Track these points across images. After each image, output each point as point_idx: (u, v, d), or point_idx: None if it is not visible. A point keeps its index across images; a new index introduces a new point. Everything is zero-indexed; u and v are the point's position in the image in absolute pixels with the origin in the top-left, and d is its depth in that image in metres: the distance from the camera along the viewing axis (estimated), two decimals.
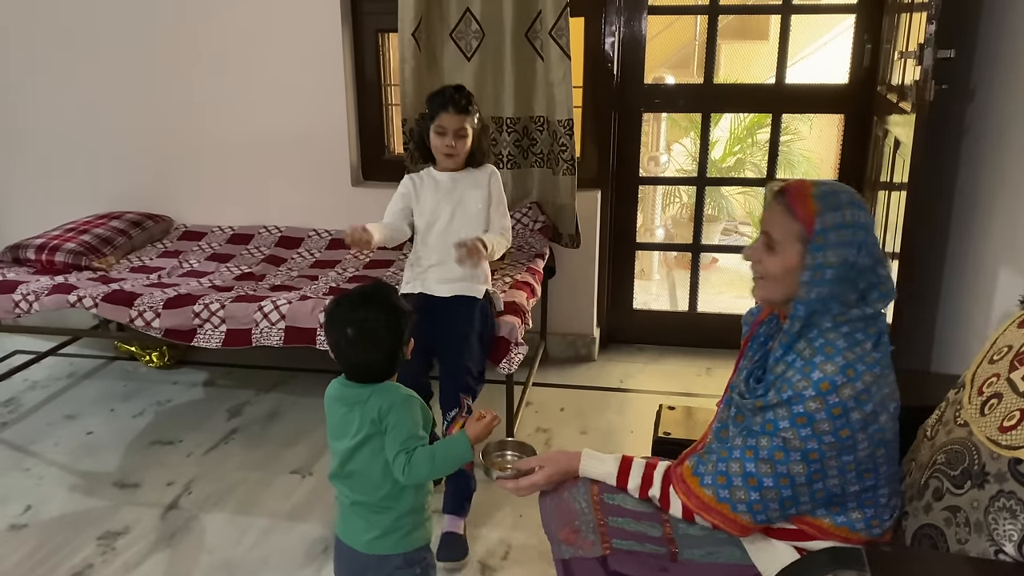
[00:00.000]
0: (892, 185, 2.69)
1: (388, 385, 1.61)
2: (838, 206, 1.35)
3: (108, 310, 2.80)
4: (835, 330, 1.35)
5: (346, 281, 3.13)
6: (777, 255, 1.39)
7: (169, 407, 3.22)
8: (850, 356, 1.32)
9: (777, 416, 1.35)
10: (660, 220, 5.27)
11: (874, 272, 1.37)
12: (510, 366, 2.61)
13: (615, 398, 3.32)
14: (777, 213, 1.40)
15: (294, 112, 3.54)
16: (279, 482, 2.69)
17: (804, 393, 1.31)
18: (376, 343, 1.57)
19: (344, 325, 1.57)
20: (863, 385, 1.30)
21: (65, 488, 2.66)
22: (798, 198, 1.37)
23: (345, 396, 1.61)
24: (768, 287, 1.43)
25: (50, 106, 3.70)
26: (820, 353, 1.33)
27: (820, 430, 1.31)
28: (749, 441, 1.39)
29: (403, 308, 1.62)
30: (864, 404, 1.31)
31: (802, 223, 1.35)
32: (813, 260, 1.34)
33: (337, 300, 1.62)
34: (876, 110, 3.19)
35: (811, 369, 1.32)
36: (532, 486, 1.61)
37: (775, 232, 1.39)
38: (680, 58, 5.71)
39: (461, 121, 2.55)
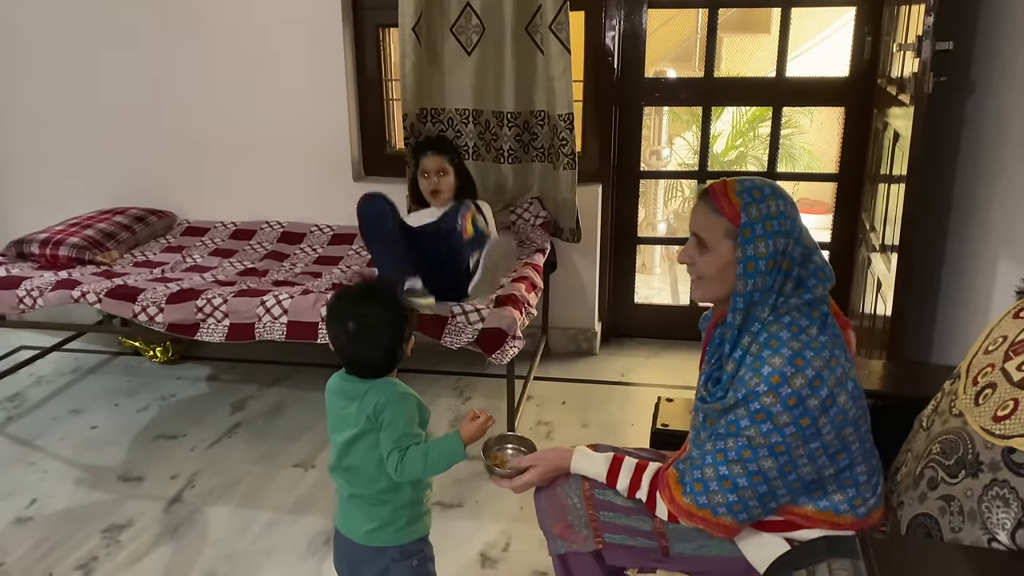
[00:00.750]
0: (892, 177, 2.70)
1: (386, 381, 1.62)
2: (761, 198, 1.38)
3: (112, 305, 2.81)
4: (777, 321, 1.37)
5: (349, 278, 3.14)
6: (709, 254, 1.41)
7: (173, 402, 3.25)
8: (796, 345, 1.34)
9: (737, 416, 1.37)
10: (662, 214, 5.28)
11: (809, 259, 1.41)
12: (503, 358, 2.62)
13: (616, 392, 3.33)
14: (703, 213, 1.43)
15: (295, 108, 3.55)
16: (282, 476, 2.71)
17: (757, 390, 1.34)
18: (376, 339, 1.58)
19: (345, 320, 1.58)
20: (814, 371, 1.33)
21: (70, 482, 2.68)
22: (721, 196, 1.40)
23: (344, 390, 1.62)
24: (706, 286, 1.45)
25: (53, 102, 3.72)
26: (766, 347, 1.36)
27: (780, 423, 1.33)
28: (718, 444, 1.41)
29: (405, 305, 1.63)
30: (818, 390, 1.33)
31: (728, 219, 1.38)
32: (744, 253, 1.37)
33: (339, 295, 1.63)
34: (876, 103, 3.20)
35: (760, 364, 1.35)
36: (525, 484, 1.64)
37: (703, 232, 1.42)
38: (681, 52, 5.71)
39: (440, 161, 2.87)
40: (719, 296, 1.45)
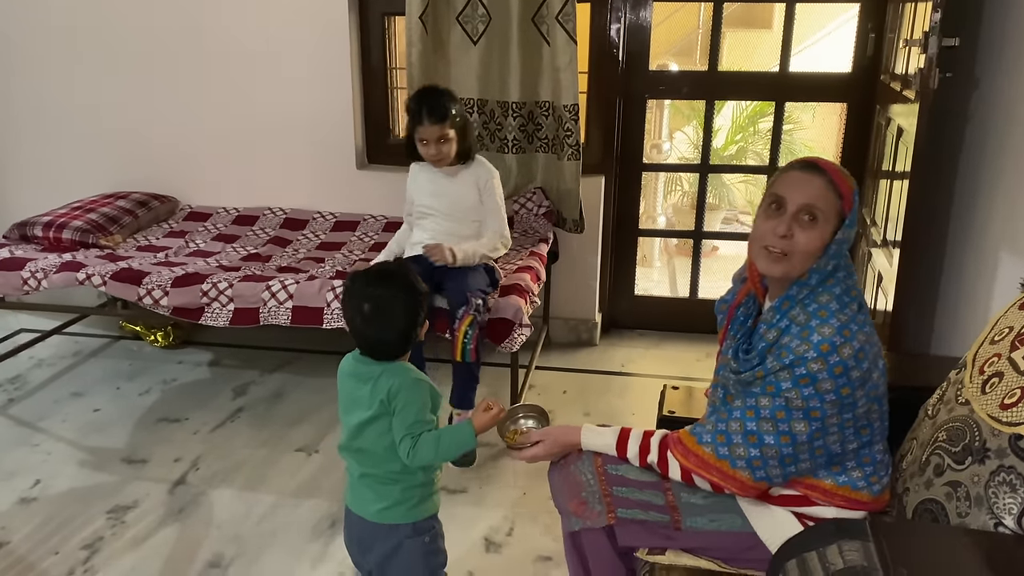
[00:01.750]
0: (895, 173, 2.72)
1: (400, 366, 1.63)
2: (857, 188, 1.45)
3: (117, 288, 2.82)
4: (827, 292, 1.42)
5: (352, 264, 3.15)
6: (816, 229, 1.41)
7: (175, 386, 3.25)
8: (843, 318, 1.39)
9: (779, 379, 1.40)
10: (661, 208, 5.30)
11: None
12: (512, 346, 2.64)
13: (617, 381, 3.35)
14: (822, 187, 1.42)
15: (299, 95, 3.55)
16: (285, 460, 2.72)
17: (806, 355, 1.37)
18: (391, 321, 1.59)
19: (361, 300, 1.59)
20: (859, 344, 1.37)
21: (74, 463, 2.69)
22: (839, 176, 1.43)
23: (357, 372, 1.63)
24: (794, 262, 1.42)
25: (57, 86, 3.71)
26: (815, 317, 1.40)
27: (823, 389, 1.37)
28: (749, 401, 1.44)
29: (420, 288, 1.63)
30: (861, 362, 1.38)
31: (844, 200, 1.42)
32: (844, 235, 1.42)
33: (355, 275, 1.64)
34: (879, 99, 3.22)
35: (809, 333, 1.38)
36: (532, 457, 1.68)
37: (821, 205, 1.41)
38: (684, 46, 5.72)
39: (440, 130, 2.61)
40: (801, 272, 1.44)
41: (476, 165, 2.76)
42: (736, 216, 5.98)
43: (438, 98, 2.64)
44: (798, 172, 1.46)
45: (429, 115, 2.59)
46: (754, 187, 5.30)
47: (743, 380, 1.47)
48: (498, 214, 2.78)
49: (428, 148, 2.64)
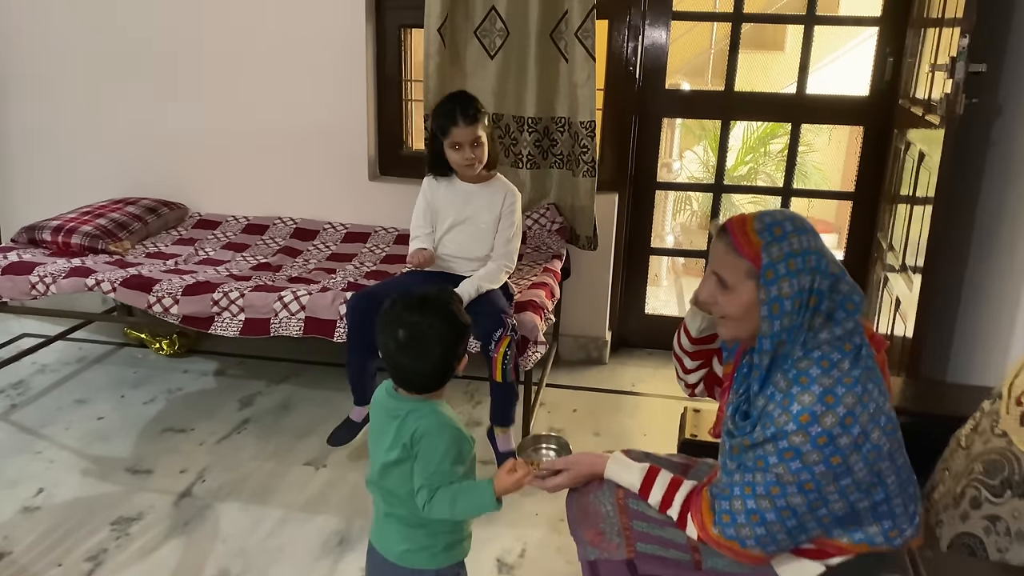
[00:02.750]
0: (915, 198, 2.70)
1: (430, 406, 1.53)
2: (783, 236, 1.33)
3: (126, 295, 2.78)
4: (807, 357, 1.34)
5: (363, 276, 3.12)
6: (732, 294, 1.38)
7: (180, 395, 3.21)
8: (827, 382, 1.31)
9: (766, 452, 1.34)
10: (670, 226, 5.29)
11: (836, 291, 1.36)
12: (527, 363, 2.61)
13: (627, 401, 3.32)
14: (722, 252, 1.39)
15: (313, 104, 3.53)
16: (293, 473, 2.68)
17: (786, 428, 1.31)
18: (427, 352, 1.50)
19: (396, 327, 1.50)
20: (845, 409, 1.29)
21: (77, 472, 2.64)
22: (740, 235, 1.35)
23: (387, 406, 1.56)
24: (731, 326, 1.42)
25: (70, 90, 3.68)
26: (796, 384, 1.33)
27: (809, 461, 1.30)
28: (746, 477, 1.39)
29: (463, 321, 1.54)
30: (850, 428, 1.29)
31: (748, 259, 1.34)
32: (768, 294, 1.33)
33: (394, 299, 1.55)
34: (897, 123, 3.21)
35: (789, 402, 1.32)
36: (557, 486, 1.62)
37: (724, 272, 1.39)
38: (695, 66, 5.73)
39: (474, 132, 2.54)
40: (746, 336, 1.42)
41: (500, 183, 2.71)
42: None
43: (471, 100, 2.59)
44: (715, 238, 1.44)
45: (464, 115, 2.50)
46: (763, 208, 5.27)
47: (736, 444, 1.43)
48: (511, 242, 2.69)
49: (462, 152, 2.54)
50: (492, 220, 2.67)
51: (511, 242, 2.70)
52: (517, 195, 2.72)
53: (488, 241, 2.69)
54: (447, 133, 2.55)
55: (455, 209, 2.68)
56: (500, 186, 2.70)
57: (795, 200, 3.71)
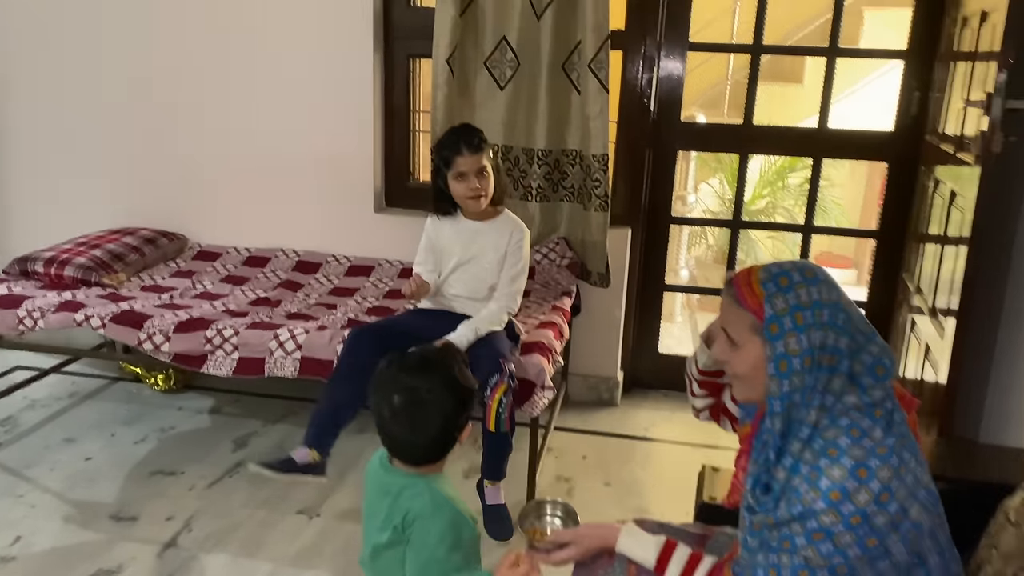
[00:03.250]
0: (947, 238, 2.56)
1: (426, 484, 1.38)
2: (789, 287, 1.22)
3: (116, 331, 2.67)
4: (834, 425, 1.21)
5: (365, 312, 2.99)
6: (739, 351, 1.29)
7: (173, 434, 3.08)
8: (858, 453, 1.17)
9: (793, 532, 1.20)
10: (684, 260, 5.15)
11: (863, 350, 1.24)
12: (533, 410, 2.47)
13: (640, 448, 3.16)
14: (727, 305, 1.30)
15: (319, 134, 3.44)
16: (285, 522, 2.53)
17: (815, 507, 1.17)
18: (424, 421, 1.35)
19: (392, 390, 1.35)
20: (880, 484, 1.15)
21: (58, 518, 2.51)
22: (744, 286, 1.27)
23: (380, 480, 1.41)
24: (742, 387, 1.33)
25: (68, 118, 3.61)
26: (823, 456, 1.19)
27: (842, 543, 1.16)
28: (771, 558, 1.24)
29: (467, 386, 1.39)
30: (886, 505, 1.15)
31: (752, 312, 1.25)
32: (773, 351, 1.22)
33: (391, 359, 1.40)
34: (924, 159, 3.07)
35: (817, 476, 1.18)
36: (563, 561, 1.48)
37: (729, 327, 1.30)
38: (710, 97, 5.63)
39: (478, 161, 2.44)
40: (759, 397, 1.30)
41: (506, 219, 2.59)
42: None
43: (475, 130, 2.51)
44: (723, 291, 1.33)
45: (468, 144, 2.42)
46: (781, 243, 5.15)
47: (757, 521, 1.28)
48: (516, 281, 2.56)
49: (467, 182, 2.44)
50: (498, 258, 2.55)
51: (516, 281, 2.57)
52: (525, 231, 2.60)
53: (489, 286, 2.57)
54: (451, 164, 2.45)
55: (460, 248, 2.56)
56: (506, 222, 2.58)
57: (816, 238, 3.56)
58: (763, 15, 3.22)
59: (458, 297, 2.59)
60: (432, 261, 2.61)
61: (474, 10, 3.08)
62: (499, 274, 2.57)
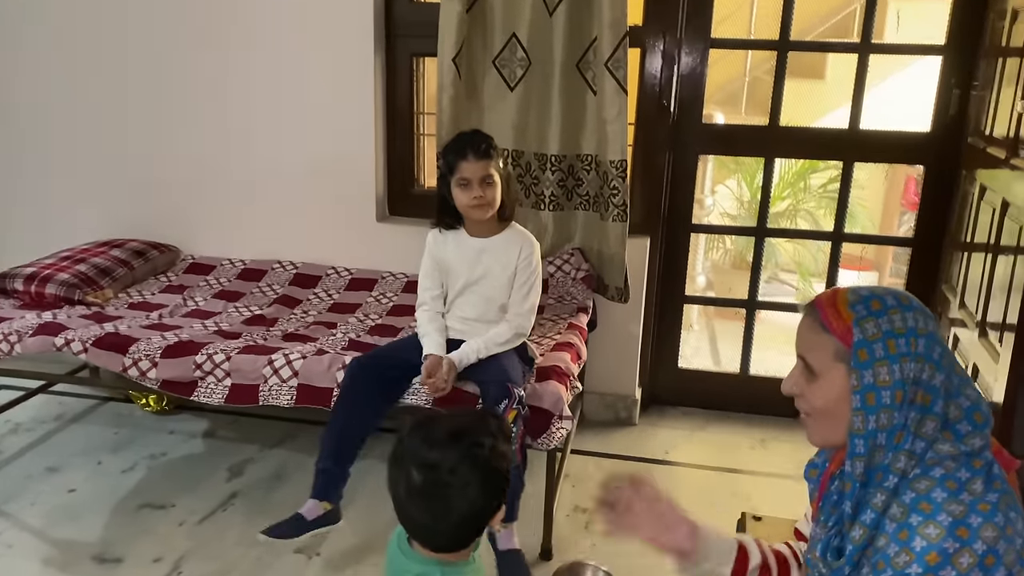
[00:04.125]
0: (1000, 247, 2.36)
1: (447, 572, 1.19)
2: (882, 311, 1.07)
3: (99, 356, 2.47)
4: (927, 476, 1.03)
5: (367, 331, 2.80)
6: (818, 382, 1.12)
7: (163, 462, 2.89)
8: (957, 509, 1.00)
9: None
10: (701, 267, 4.94)
11: (958, 394, 1.07)
12: (550, 442, 2.27)
13: (661, 472, 2.96)
14: (807, 329, 1.14)
15: (318, 140, 3.24)
16: (282, 564, 2.34)
17: (908, 571, 0.99)
18: (445, 507, 1.14)
19: (411, 464, 1.15)
20: (985, 545, 0.98)
21: (37, 560, 2.32)
22: (829, 307, 1.11)
23: (395, 560, 1.22)
24: (818, 425, 1.15)
25: (46, 121, 3.40)
26: (914, 511, 1.01)
27: None
28: None
29: (502, 469, 1.18)
30: (992, 570, 0.97)
31: (837, 337, 1.09)
32: (861, 381, 1.06)
33: (418, 423, 1.19)
34: (966, 163, 2.87)
35: (909, 535, 1.00)
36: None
37: (808, 354, 1.13)
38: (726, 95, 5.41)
39: (485, 167, 2.25)
40: (838, 438, 1.12)
41: (515, 234, 2.38)
42: (776, 275, 5.59)
43: (483, 136, 2.32)
44: (802, 316, 1.16)
45: (474, 150, 2.24)
46: (802, 248, 4.93)
47: None
48: (527, 300, 2.36)
49: (470, 190, 2.25)
50: (508, 276, 2.35)
51: (527, 299, 2.36)
52: (535, 245, 2.39)
53: (498, 308, 2.38)
54: (455, 169, 2.27)
55: (466, 268, 2.35)
56: (515, 237, 2.37)
57: (846, 246, 3.36)
58: (790, 10, 3.02)
59: (467, 320, 2.38)
60: (438, 282, 2.41)
61: (482, 6, 2.88)
62: (509, 293, 2.37)
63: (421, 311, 2.40)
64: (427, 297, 2.40)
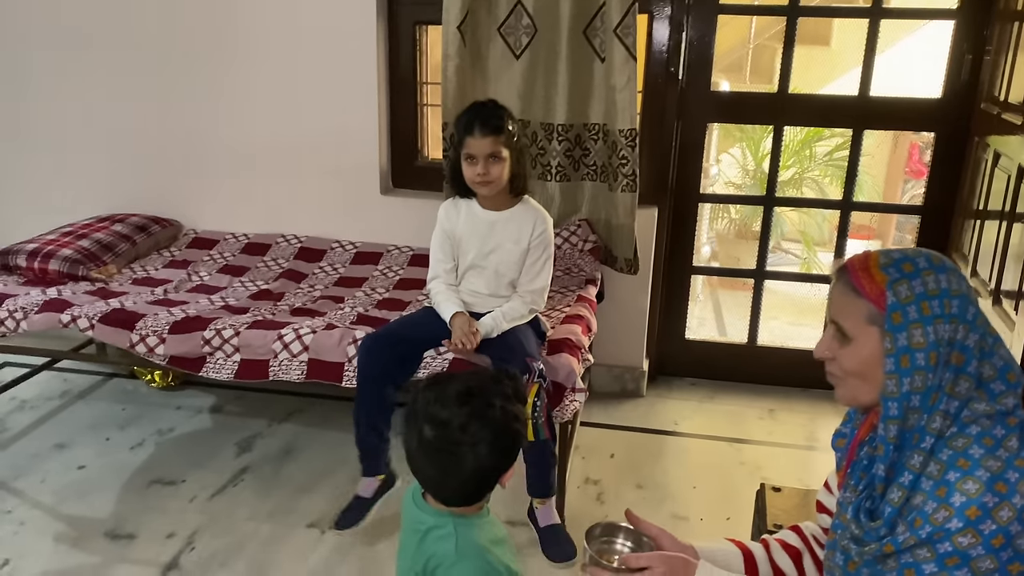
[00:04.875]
0: (1015, 215, 2.33)
1: (455, 526, 1.19)
2: (915, 272, 1.07)
3: (106, 333, 2.45)
4: (963, 434, 1.04)
5: (375, 305, 2.77)
6: (850, 346, 1.12)
7: (171, 438, 2.88)
8: (995, 465, 1.00)
9: (918, 559, 1.01)
10: (706, 237, 4.90)
11: (991, 354, 1.06)
12: (563, 414, 2.26)
13: (671, 444, 2.96)
14: (840, 294, 1.14)
15: (320, 111, 3.18)
16: (294, 538, 2.34)
17: (948, 526, 0.99)
18: (456, 463, 1.16)
19: (423, 420, 1.16)
20: (1023, 499, 0.98)
21: (49, 538, 2.31)
22: (861, 271, 1.11)
23: (410, 514, 1.23)
24: (850, 387, 1.15)
25: (49, 94, 3.35)
26: (952, 468, 1.02)
27: (982, 570, 0.98)
28: None
29: (512, 427, 1.19)
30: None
31: (870, 300, 1.09)
32: (895, 343, 1.06)
33: (429, 381, 1.21)
34: (977, 129, 2.83)
35: (948, 492, 1.00)
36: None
37: (841, 318, 1.13)
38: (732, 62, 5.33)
39: (493, 144, 2.19)
40: (870, 400, 1.12)
41: (528, 209, 2.34)
42: (779, 244, 5.56)
43: (494, 109, 2.25)
44: (833, 280, 1.17)
45: (482, 125, 2.18)
46: (807, 216, 4.89)
47: (868, 553, 1.08)
48: (539, 277, 2.33)
49: (475, 167, 2.20)
50: (520, 252, 2.32)
51: (539, 277, 2.33)
52: (548, 221, 2.35)
53: (508, 282, 2.35)
54: (462, 143, 2.23)
55: (478, 240, 2.32)
56: (528, 212, 2.33)
57: (855, 215, 3.33)
58: None
59: (478, 295, 2.36)
60: (450, 255, 2.38)
61: None
62: (520, 269, 2.34)
63: (435, 283, 2.38)
64: (440, 270, 2.37)
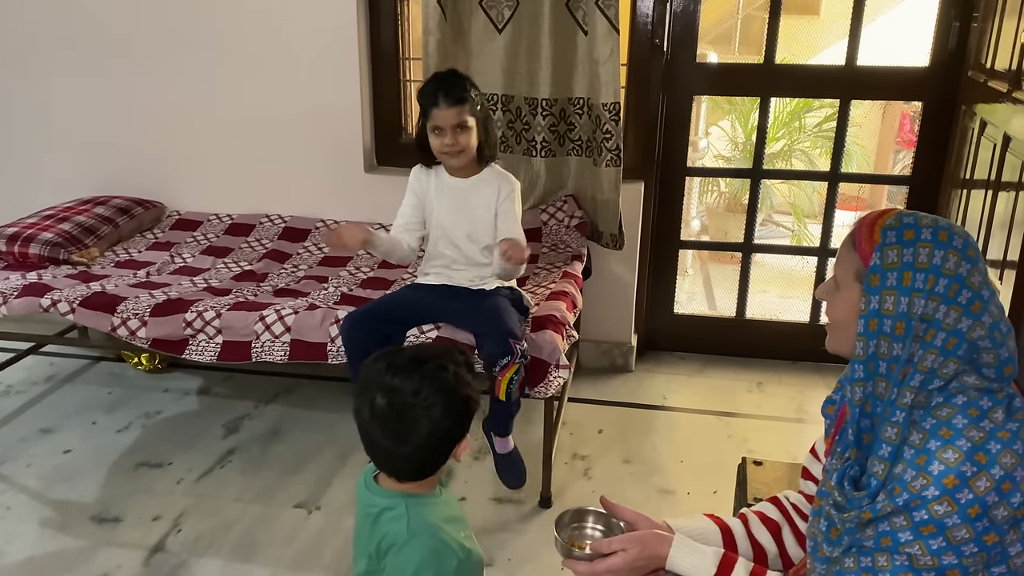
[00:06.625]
0: (1001, 183, 2.32)
1: (406, 506, 1.19)
2: (911, 241, 1.04)
3: (87, 317, 2.43)
4: (948, 403, 1.02)
5: (359, 284, 2.76)
6: (838, 296, 1.16)
7: (158, 420, 2.87)
8: (976, 435, 0.99)
9: (895, 527, 1.01)
10: (696, 210, 4.88)
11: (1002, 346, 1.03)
12: (547, 390, 2.25)
13: (659, 418, 2.96)
14: (845, 244, 1.15)
15: (301, 88, 3.14)
16: (282, 519, 2.34)
17: (925, 494, 0.98)
18: (408, 429, 1.14)
19: (375, 390, 1.15)
20: (1003, 470, 0.97)
21: (35, 522, 2.31)
22: (867, 226, 1.11)
23: (362, 498, 1.22)
24: (835, 335, 1.19)
25: (28, 74, 3.30)
26: (934, 437, 1.00)
27: (956, 539, 0.97)
28: (863, 561, 1.03)
29: (465, 394, 1.18)
30: (1009, 495, 0.97)
31: (861, 256, 1.09)
32: (867, 305, 1.06)
33: (382, 353, 1.19)
34: (965, 97, 2.81)
35: (927, 460, 0.99)
36: (609, 569, 1.26)
37: (838, 267, 1.16)
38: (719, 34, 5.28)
39: (458, 114, 2.18)
40: (847, 351, 1.12)
41: (493, 174, 2.33)
42: (770, 217, 5.54)
43: (456, 79, 2.23)
44: None
45: (446, 96, 2.16)
46: (797, 188, 4.87)
47: (848, 519, 1.08)
48: (514, 226, 2.31)
49: (443, 138, 2.19)
50: (490, 218, 2.31)
51: (517, 226, 2.32)
52: (515, 184, 2.34)
53: (483, 248, 2.33)
54: (428, 115, 2.21)
55: (447, 209, 2.32)
56: (493, 177, 2.33)
57: (843, 186, 3.31)
58: None
59: (456, 263, 2.35)
60: (418, 219, 2.37)
61: None
62: (493, 234, 2.33)
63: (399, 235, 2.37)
64: (401, 222, 2.37)
